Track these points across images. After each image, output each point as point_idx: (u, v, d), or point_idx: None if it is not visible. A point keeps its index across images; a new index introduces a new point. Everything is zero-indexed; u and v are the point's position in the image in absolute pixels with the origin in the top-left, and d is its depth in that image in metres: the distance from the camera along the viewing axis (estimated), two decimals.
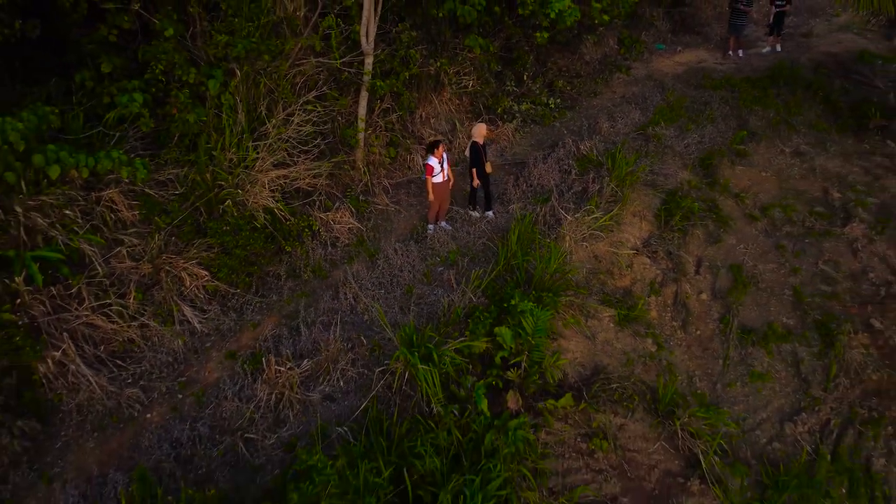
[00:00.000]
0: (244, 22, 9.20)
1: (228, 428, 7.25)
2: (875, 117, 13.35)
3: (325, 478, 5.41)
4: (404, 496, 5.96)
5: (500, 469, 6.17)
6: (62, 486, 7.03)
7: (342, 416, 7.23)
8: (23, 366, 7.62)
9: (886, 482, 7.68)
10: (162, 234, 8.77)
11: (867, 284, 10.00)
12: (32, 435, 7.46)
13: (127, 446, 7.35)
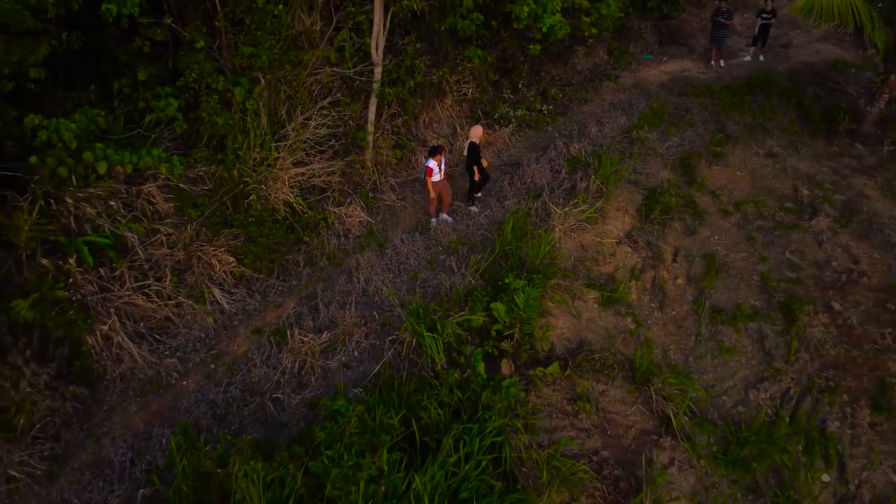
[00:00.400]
0: (267, 35, 10.22)
1: (257, 390, 8.22)
2: (844, 121, 14.39)
3: (347, 419, 6.37)
4: (412, 441, 6.91)
5: (495, 419, 7.12)
6: (111, 441, 7.99)
7: (357, 380, 8.19)
8: (74, 338, 8.59)
9: (840, 442, 8.63)
10: (194, 225, 9.75)
11: (830, 271, 10.99)
12: (81, 399, 8.42)
13: (167, 408, 8.31)
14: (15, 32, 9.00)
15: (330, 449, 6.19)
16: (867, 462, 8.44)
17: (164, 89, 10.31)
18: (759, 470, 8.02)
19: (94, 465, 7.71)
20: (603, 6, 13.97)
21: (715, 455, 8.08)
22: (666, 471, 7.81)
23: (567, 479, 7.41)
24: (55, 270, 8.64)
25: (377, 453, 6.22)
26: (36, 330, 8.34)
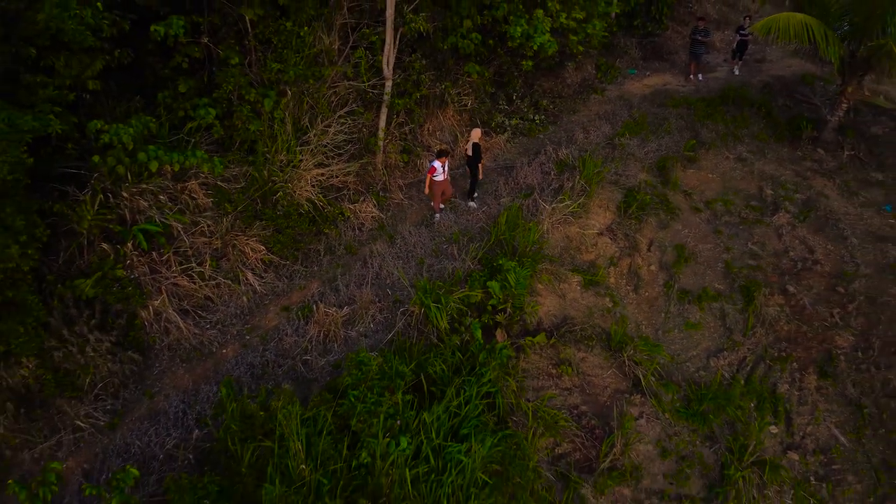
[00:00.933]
0: (292, 53, 11.65)
1: (289, 355, 9.57)
2: (808, 129, 15.81)
3: (369, 367, 7.71)
4: (420, 390, 8.25)
5: (490, 374, 8.47)
6: (164, 397, 9.32)
7: (374, 346, 9.53)
8: (130, 311, 9.95)
9: (788, 401, 9.99)
10: (229, 217, 11.12)
11: (787, 260, 12.36)
12: (136, 364, 9.74)
13: (211, 370, 9.65)
14: (76, 49, 10.43)
15: (355, 389, 7.54)
16: (812, 418, 9.80)
17: (202, 100, 11.73)
18: (715, 422, 9.36)
19: (150, 416, 9.05)
20: (589, 27, 15.44)
21: (678, 409, 9.43)
22: (635, 421, 9.15)
23: (550, 425, 8.75)
24: (114, 254, 10.02)
25: (394, 394, 7.57)
26: (98, 304, 9.69)
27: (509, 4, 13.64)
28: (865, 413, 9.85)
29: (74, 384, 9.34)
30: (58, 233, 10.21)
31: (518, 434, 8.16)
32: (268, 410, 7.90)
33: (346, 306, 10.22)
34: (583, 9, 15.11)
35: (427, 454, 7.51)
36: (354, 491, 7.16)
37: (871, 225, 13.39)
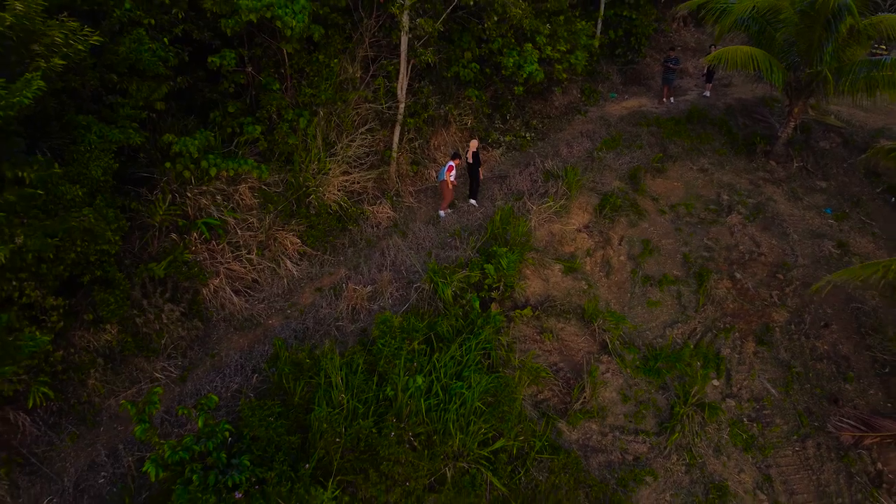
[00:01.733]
0: (323, 80, 13.97)
1: (324, 323, 11.72)
2: (761, 144, 18.10)
3: (392, 323, 9.87)
4: (431, 344, 10.40)
5: (486, 333, 10.62)
6: (224, 356, 11.46)
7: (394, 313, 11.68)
8: (194, 288, 12.12)
9: (729, 362, 12.10)
10: (271, 215, 13.34)
11: (736, 253, 14.53)
12: (199, 331, 11.91)
13: (261, 336, 11.80)
14: (147, 76, 12.70)
15: (382, 339, 9.69)
16: (748, 375, 11.93)
17: (247, 119, 14.03)
18: (668, 375, 11.49)
19: (214, 369, 11.18)
20: (572, 57, 17.79)
21: (637, 366, 11.56)
22: (602, 374, 11.28)
23: (534, 376, 10.89)
24: (181, 242, 12.22)
25: (411, 343, 9.72)
26: (169, 282, 11.88)
27: (503, 39, 15.99)
28: (794, 372, 11.97)
29: (150, 346, 11.50)
30: (133, 226, 12.43)
31: (507, 377, 10.29)
32: (313, 358, 10.04)
33: (370, 286, 12.39)
34: (567, 41, 17.49)
35: (437, 390, 9.62)
36: (381, 415, 9.27)
37: (811, 224, 15.61)
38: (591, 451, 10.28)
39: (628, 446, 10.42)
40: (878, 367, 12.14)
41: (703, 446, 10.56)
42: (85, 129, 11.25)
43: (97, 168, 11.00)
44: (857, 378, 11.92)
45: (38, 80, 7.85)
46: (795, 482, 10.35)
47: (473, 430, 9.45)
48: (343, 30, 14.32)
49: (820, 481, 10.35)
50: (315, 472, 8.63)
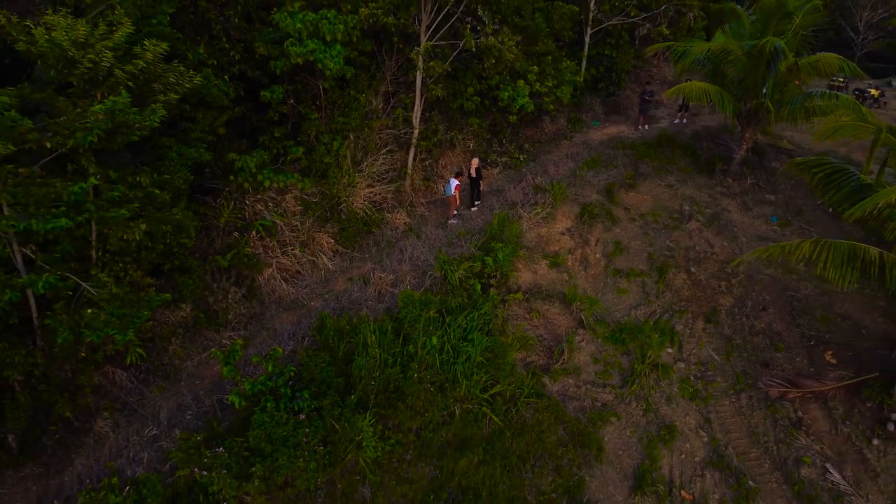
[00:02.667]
0: (352, 111, 16.92)
1: (356, 303, 14.45)
2: (720, 164, 20.98)
3: (413, 297, 12.61)
4: (443, 315, 13.13)
5: (486, 308, 13.35)
6: (278, 328, 14.17)
7: None
8: (251, 276, 14.89)
9: (682, 335, 14.75)
10: (310, 220, 16.16)
11: (693, 252, 17.28)
12: (255, 310, 14.65)
13: (306, 313, 14.53)
14: (213, 107, 15.62)
15: (405, 309, 12.45)
16: (697, 345, 14.60)
17: (290, 141, 16.95)
18: (630, 344, 14.17)
19: (271, 337, 13.89)
20: (559, 91, 20.78)
21: (606, 337, 14.26)
22: (578, 343, 13.98)
23: (523, 343, 13.60)
24: (241, 239, 15.03)
25: (428, 311, 12.47)
26: (233, 270, 14.66)
27: (499, 76, 18.99)
28: (734, 343, 14.64)
29: (217, 320, 14.23)
30: (202, 226, 15.24)
31: (502, 339, 13.00)
32: (352, 325, 12.77)
33: (392, 275, 15.16)
34: (554, 78, 20.51)
35: (448, 348, 12.32)
36: (406, 365, 11.96)
37: (758, 230, 18.39)
38: (568, 398, 12.95)
39: (597, 395, 13.08)
40: (805, 340, 14.81)
41: (656, 397, 13.22)
42: (167, 148, 14.14)
43: (179, 179, 13.84)
44: (786, 348, 14.59)
45: (161, 110, 10.72)
46: (730, 425, 12.98)
47: (476, 379, 12.15)
48: (369, 70, 17.32)
49: (750, 424, 12.97)
50: (356, 406, 11.31)
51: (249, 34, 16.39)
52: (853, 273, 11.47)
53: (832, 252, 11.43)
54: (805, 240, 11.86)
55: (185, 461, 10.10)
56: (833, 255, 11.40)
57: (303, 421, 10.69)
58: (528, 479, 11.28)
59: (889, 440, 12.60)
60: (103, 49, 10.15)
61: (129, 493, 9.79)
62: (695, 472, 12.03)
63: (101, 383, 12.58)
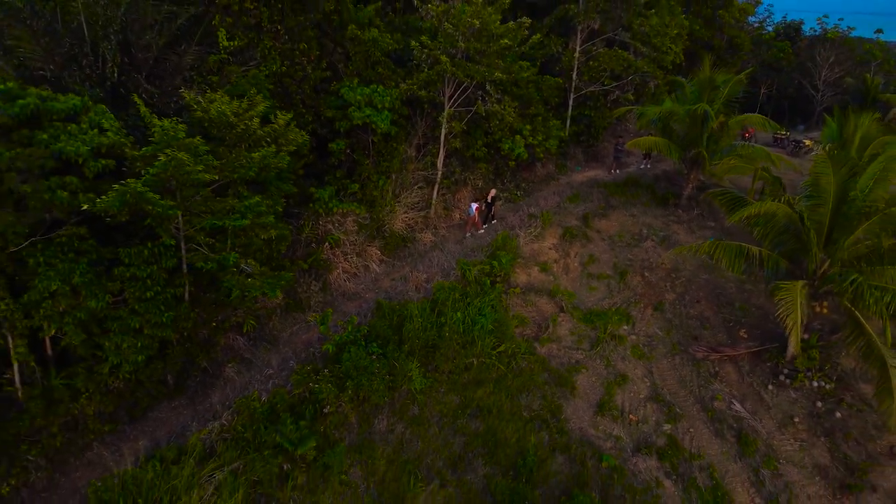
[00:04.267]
0: (393, 157, 22.42)
1: (400, 294, 19.60)
2: (672, 199, 26.40)
3: (444, 284, 17.77)
4: (463, 298, 18.30)
5: (492, 295, 18.54)
6: (345, 311, 19.28)
7: None
8: (324, 276, 20.07)
9: (635, 318, 19.84)
10: (363, 236, 21.46)
11: (647, 262, 22.51)
12: (328, 299, 19.80)
13: (363, 303, 19.67)
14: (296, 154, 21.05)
15: (439, 292, 17.63)
16: (645, 325, 19.67)
17: (347, 180, 22.39)
18: (597, 323, 19.26)
19: (340, 317, 18.99)
20: (547, 143, 26.38)
21: (580, 318, 19.37)
22: (559, 322, 19.09)
23: (520, 321, 18.72)
24: (317, 249, 20.29)
25: (454, 294, 17.65)
26: (312, 271, 19.85)
27: (501, 132, 24.59)
28: (674, 324, 19.71)
29: (301, 305, 19.35)
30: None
31: (505, 317, 18.12)
32: (400, 305, 17.91)
33: (424, 274, 20.38)
34: (544, 133, 26.13)
35: (468, 320, 17.42)
36: (439, 330, 17.02)
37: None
38: (551, 356, 17.98)
39: (572, 355, 18.12)
40: (726, 322, 19.87)
41: (614, 357, 18.24)
42: (268, 183, 19.49)
43: (277, 207, 19.16)
44: (711, 328, 19.65)
45: (287, 157, 16.13)
46: (666, 375, 17.95)
47: (487, 341, 17.20)
48: (406, 128, 22.91)
49: (680, 375, 17.95)
50: (407, 354, 16.34)
51: (318, 101, 21.98)
52: (740, 264, 16.71)
53: (725, 250, 16.70)
54: (706, 241, 17.15)
55: (300, 382, 15.13)
56: (726, 251, 16.67)
57: (374, 360, 15.74)
58: (524, 403, 16.24)
59: (780, 387, 17.57)
60: (252, 117, 15.64)
61: (265, 401, 14.78)
62: (639, 404, 16.98)
63: (227, 344, 17.63)
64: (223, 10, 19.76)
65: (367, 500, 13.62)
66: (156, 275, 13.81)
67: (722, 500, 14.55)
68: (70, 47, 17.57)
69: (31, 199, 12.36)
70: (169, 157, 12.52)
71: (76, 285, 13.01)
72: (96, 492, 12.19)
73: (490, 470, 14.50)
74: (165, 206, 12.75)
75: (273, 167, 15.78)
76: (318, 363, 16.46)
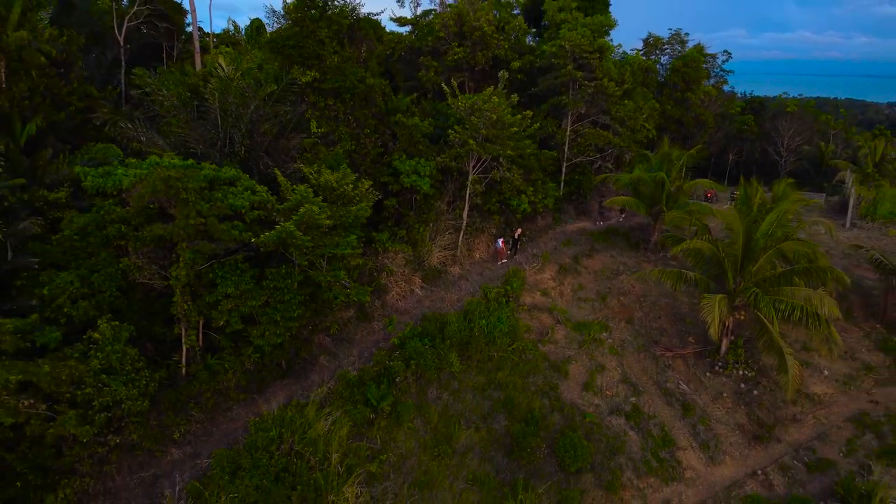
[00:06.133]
0: (430, 210, 29.34)
1: (438, 308, 26.12)
2: (642, 244, 33.18)
3: (473, 300, 24.28)
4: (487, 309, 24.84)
5: (508, 310, 25.08)
6: (399, 321, 25.76)
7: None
8: (385, 295, 26.64)
9: (612, 328, 26.29)
10: (409, 268, 28.09)
11: (622, 290, 29.03)
12: (386, 313, 26.31)
13: (411, 316, 26.16)
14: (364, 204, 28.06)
15: (469, 305, 24.15)
16: (620, 333, 26.08)
17: (396, 227, 29.23)
18: (584, 331, 25.66)
19: (398, 325, 25.48)
20: (546, 201, 33.37)
21: (571, 327, 25.81)
22: (556, 330, 25.54)
23: (527, 328, 25.22)
24: (379, 276, 26.93)
25: (480, 307, 24.20)
26: (376, 291, 26.41)
27: (510, 192, 31.58)
28: (640, 333, 26.08)
29: (368, 317, 25.82)
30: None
31: (517, 324, 24.60)
32: (441, 315, 24.42)
33: (455, 296, 26.95)
34: (543, 193, 33.15)
35: (490, 325, 23.90)
36: (470, 332, 23.47)
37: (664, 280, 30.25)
38: (550, 353, 24.32)
39: (565, 352, 24.46)
40: (680, 332, 26.26)
41: (597, 353, 24.58)
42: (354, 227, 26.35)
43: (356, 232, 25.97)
44: (668, 335, 26.03)
45: (369, 211, 22.98)
46: (633, 367, 24.23)
47: (504, 341, 23.61)
48: (440, 189, 29.96)
49: (644, 367, 24.24)
50: (448, 347, 22.75)
51: (375, 170, 29.05)
52: (681, 284, 23.31)
53: (669, 274, 23.34)
54: (655, 269, 23.83)
55: (378, 362, 21.53)
56: (670, 276, 23.31)
57: (427, 349, 22.15)
58: (531, 381, 22.51)
59: (715, 374, 23.82)
60: (347, 184, 22.58)
61: (355, 375, 21.12)
62: (613, 384, 23.22)
63: (317, 342, 24.05)
64: (314, 107, 27.12)
65: (427, 438, 19.79)
66: (289, 286, 20.41)
67: (669, 443, 20.67)
68: (211, 133, 24.80)
69: (221, 235, 19.12)
70: (306, 209, 19.36)
71: (243, 291, 19.61)
72: (255, 424, 18.42)
73: (508, 422, 20.69)
74: (304, 240, 19.49)
75: (361, 217, 22.62)
76: (387, 351, 22.87)
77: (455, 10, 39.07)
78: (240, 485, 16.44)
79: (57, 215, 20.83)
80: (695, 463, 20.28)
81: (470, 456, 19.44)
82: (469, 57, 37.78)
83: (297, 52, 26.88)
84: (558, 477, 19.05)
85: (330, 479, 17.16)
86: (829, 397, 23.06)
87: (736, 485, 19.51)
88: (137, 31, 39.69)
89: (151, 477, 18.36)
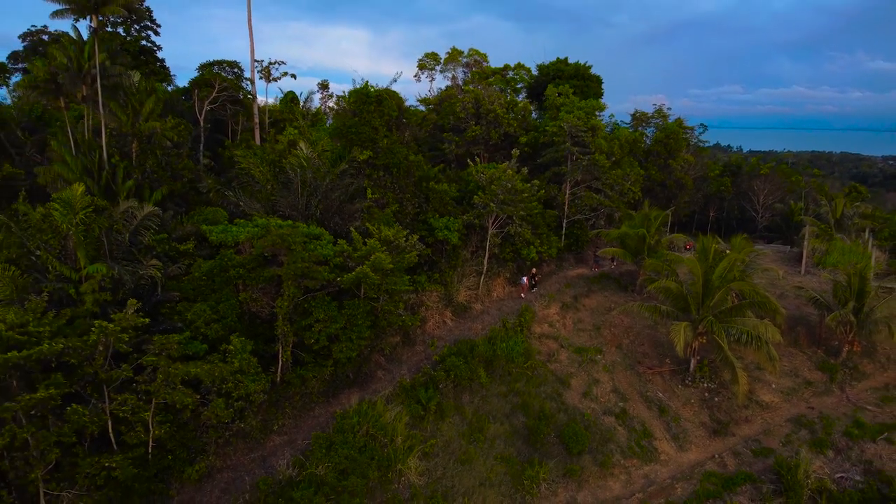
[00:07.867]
0: (457, 258, 35.91)
1: (467, 336, 32.32)
2: (630, 286, 39.53)
3: (496, 328, 30.51)
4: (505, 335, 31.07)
5: (522, 337, 31.32)
6: (439, 345, 31.92)
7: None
8: (424, 326, 32.87)
9: (604, 351, 32.41)
10: (441, 304, 34.42)
11: (614, 321, 35.18)
12: (426, 338, 32.49)
13: (446, 342, 32.35)
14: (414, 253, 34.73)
15: (493, 332, 30.42)
16: (611, 355, 32.21)
17: (431, 271, 35.72)
18: (583, 353, 31.76)
19: (435, 348, 31.61)
20: (550, 251, 39.94)
21: (573, 351, 31.90)
22: (560, 354, 31.68)
23: (538, 351, 31.39)
24: (419, 311, 33.26)
25: (501, 332, 30.46)
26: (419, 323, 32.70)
27: (521, 244, 38.17)
28: (627, 355, 32.09)
29: (411, 342, 32.00)
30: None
31: (530, 347, 30.75)
32: (471, 340, 30.64)
33: (479, 325, 33.18)
34: (547, 244, 39.75)
35: (509, 347, 30.07)
36: (493, 351, 29.60)
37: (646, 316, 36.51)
38: (556, 370, 30.33)
39: (567, 369, 30.46)
40: (659, 355, 32.33)
41: (593, 370, 30.58)
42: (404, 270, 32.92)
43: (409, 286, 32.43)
44: (650, 357, 32.07)
45: (415, 257, 29.50)
46: (622, 380, 30.20)
47: (520, 360, 29.75)
48: (464, 241, 36.63)
49: (631, 381, 30.22)
50: (476, 363, 28.88)
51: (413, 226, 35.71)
52: (656, 316, 29.60)
53: (647, 308, 29.66)
54: (639, 303, 30.17)
55: (425, 373, 27.61)
56: (647, 308, 29.62)
57: (461, 364, 28.27)
58: (542, 391, 28.50)
59: (686, 387, 29.77)
60: (401, 238, 29.18)
61: (408, 382, 27.21)
62: (606, 394, 29.15)
63: (374, 360, 30.15)
64: (369, 178, 34.13)
65: (464, 429, 25.73)
66: (361, 314, 26.77)
67: (648, 435, 26.53)
68: (292, 199, 31.68)
69: (317, 275, 25.62)
70: (376, 256, 25.93)
71: (329, 317, 25.97)
72: (341, 414, 24.47)
73: (525, 419, 26.65)
74: (374, 279, 25.97)
75: (410, 262, 29.18)
76: (430, 366, 29.02)
77: (473, 94, 46.84)
78: (334, 455, 22.35)
79: (187, 262, 27.44)
80: (668, 449, 26.08)
81: (497, 442, 25.30)
82: (484, 133, 45.22)
83: (356, 137, 34.11)
84: (564, 457, 24.86)
85: (397, 453, 23.06)
86: (775, 404, 28.94)
87: (699, 465, 25.25)
88: (211, 112, 47.37)
89: (260, 457, 24.20)
